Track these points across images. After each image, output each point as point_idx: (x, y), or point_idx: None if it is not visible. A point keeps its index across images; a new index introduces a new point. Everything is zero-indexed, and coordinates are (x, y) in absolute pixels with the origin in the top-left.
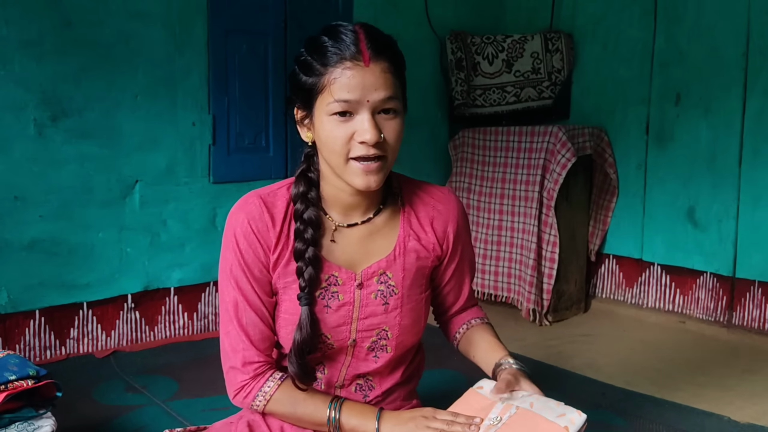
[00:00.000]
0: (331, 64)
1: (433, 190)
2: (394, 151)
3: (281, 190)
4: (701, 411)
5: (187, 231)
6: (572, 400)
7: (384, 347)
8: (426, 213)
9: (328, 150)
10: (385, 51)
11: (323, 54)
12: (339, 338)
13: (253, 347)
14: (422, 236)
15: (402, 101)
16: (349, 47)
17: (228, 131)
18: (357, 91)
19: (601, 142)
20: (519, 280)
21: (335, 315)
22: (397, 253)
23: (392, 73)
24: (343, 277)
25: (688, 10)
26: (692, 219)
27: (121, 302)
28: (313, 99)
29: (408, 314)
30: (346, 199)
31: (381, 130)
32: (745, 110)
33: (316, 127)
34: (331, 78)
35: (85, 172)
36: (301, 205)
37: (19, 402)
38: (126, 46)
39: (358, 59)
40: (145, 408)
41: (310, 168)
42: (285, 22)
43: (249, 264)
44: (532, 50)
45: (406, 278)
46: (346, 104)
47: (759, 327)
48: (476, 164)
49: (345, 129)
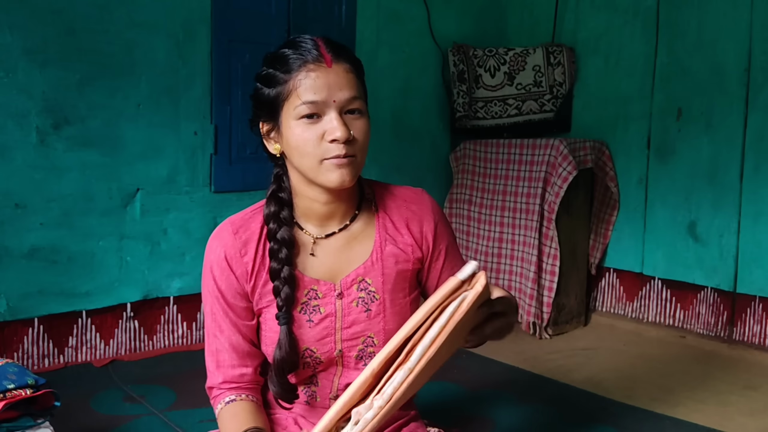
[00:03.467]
0: (294, 69)
1: (405, 192)
2: (363, 151)
3: (255, 213)
4: (702, 427)
5: (187, 240)
6: (572, 415)
7: (372, 354)
8: (400, 215)
9: (299, 155)
10: (344, 53)
11: (285, 62)
12: (324, 351)
13: (218, 372)
14: (399, 239)
15: (365, 103)
16: (311, 51)
17: (230, 141)
18: (323, 91)
19: (603, 155)
20: (519, 292)
21: (317, 328)
22: (375, 259)
23: (354, 74)
24: (322, 290)
25: (690, 26)
26: (693, 234)
27: (120, 311)
28: (279, 108)
29: (392, 319)
30: (321, 209)
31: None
32: (746, 126)
33: (284, 136)
34: (296, 82)
35: (86, 180)
36: (273, 225)
37: (17, 411)
38: (129, 55)
39: (321, 61)
40: (143, 418)
41: (281, 187)
42: (288, 32)
43: (224, 292)
44: (534, 63)
45: (386, 283)
46: (313, 105)
47: (760, 343)
48: (477, 176)
49: (314, 130)
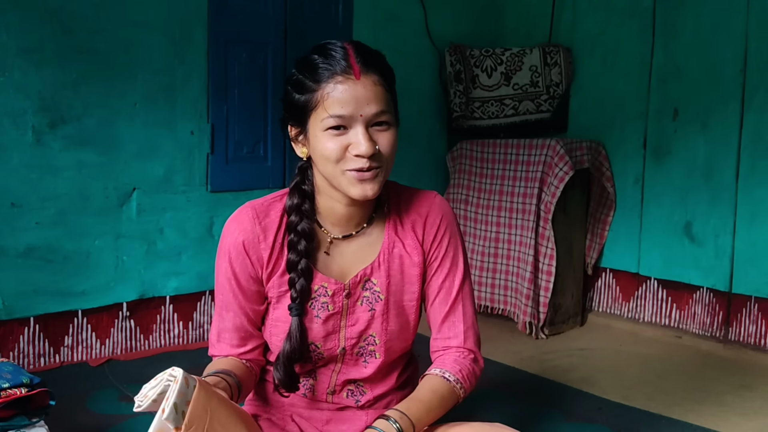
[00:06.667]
0: (323, 80)
1: (418, 195)
2: (390, 162)
3: (275, 201)
4: (697, 427)
5: (183, 240)
6: (568, 415)
7: (372, 353)
8: (408, 218)
9: (323, 163)
10: (374, 64)
11: (314, 71)
12: (328, 347)
13: (218, 345)
14: (406, 241)
15: (394, 114)
16: (339, 62)
17: (226, 140)
18: (350, 105)
19: (599, 155)
20: (515, 292)
21: (324, 325)
22: (381, 260)
23: (383, 86)
24: (332, 288)
25: (686, 26)
26: (689, 234)
27: (116, 310)
28: (307, 116)
29: (394, 320)
30: (341, 210)
31: (375, 142)
32: (742, 126)
33: (311, 143)
34: (324, 93)
35: (82, 179)
36: (295, 217)
37: (12, 410)
38: (126, 54)
39: (349, 73)
40: (139, 417)
41: (305, 180)
42: (285, 32)
43: (237, 275)
44: (531, 64)
45: (391, 284)
46: (339, 119)
47: (755, 343)
48: (474, 176)
49: (340, 141)
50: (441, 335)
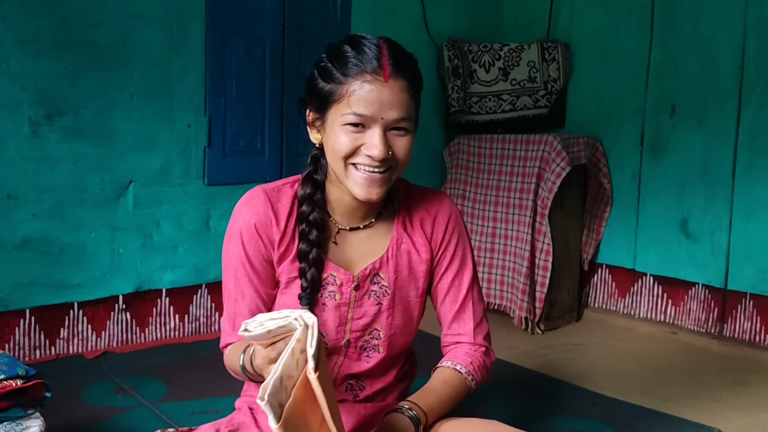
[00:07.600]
0: (351, 75)
1: (428, 194)
2: (401, 168)
3: (286, 187)
4: (691, 422)
5: (180, 233)
6: (563, 410)
7: (376, 347)
8: (418, 215)
9: (332, 154)
10: (405, 70)
11: (344, 63)
12: (334, 338)
13: (234, 333)
14: (414, 239)
15: (414, 121)
16: (371, 61)
17: (224, 133)
18: (373, 106)
19: (596, 151)
20: (512, 288)
21: (331, 315)
22: (390, 255)
23: (409, 92)
24: (341, 278)
25: (684, 23)
26: (685, 230)
27: (112, 303)
28: (329, 105)
29: (399, 315)
30: (350, 202)
31: (390, 146)
32: (739, 123)
33: (326, 132)
34: (350, 89)
35: (79, 171)
36: (307, 207)
37: (8, 402)
38: (123, 46)
39: (379, 74)
40: (134, 410)
41: (317, 170)
42: (283, 25)
43: (251, 258)
44: (529, 59)
45: (398, 279)
46: (360, 117)
47: (750, 339)
48: (471, 171)
49: (355, 138)
50: (451, 331)
